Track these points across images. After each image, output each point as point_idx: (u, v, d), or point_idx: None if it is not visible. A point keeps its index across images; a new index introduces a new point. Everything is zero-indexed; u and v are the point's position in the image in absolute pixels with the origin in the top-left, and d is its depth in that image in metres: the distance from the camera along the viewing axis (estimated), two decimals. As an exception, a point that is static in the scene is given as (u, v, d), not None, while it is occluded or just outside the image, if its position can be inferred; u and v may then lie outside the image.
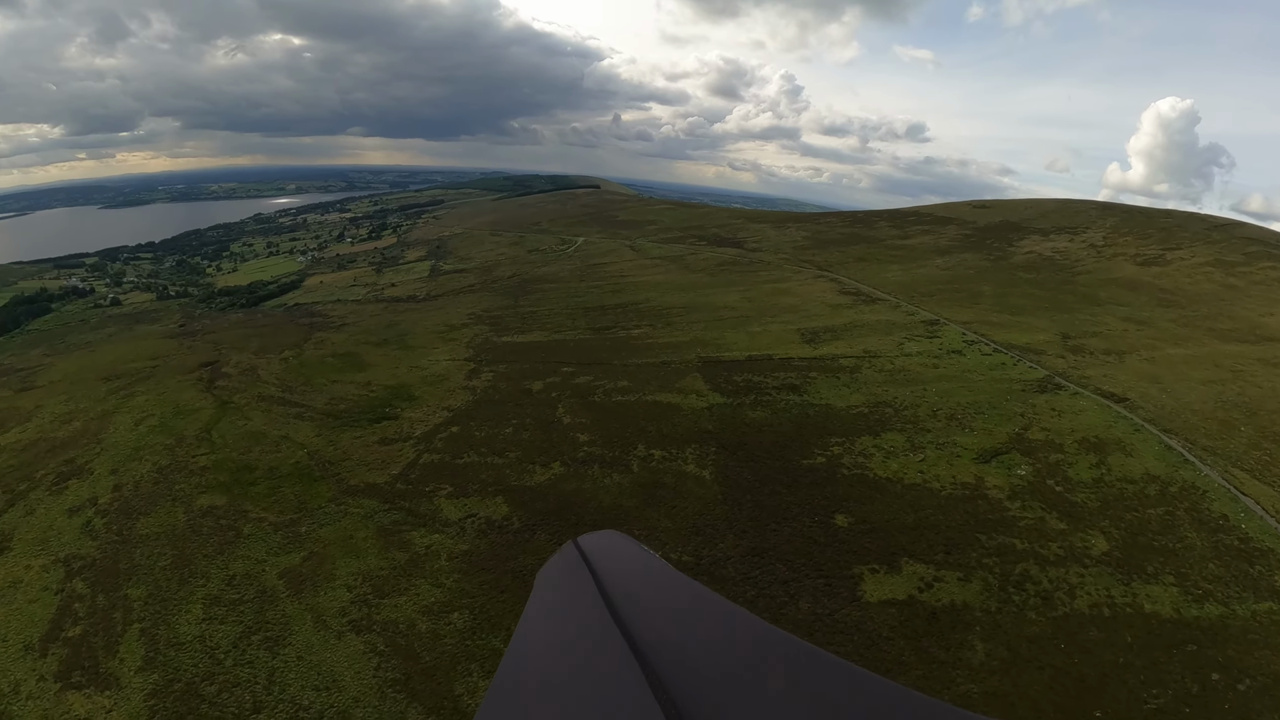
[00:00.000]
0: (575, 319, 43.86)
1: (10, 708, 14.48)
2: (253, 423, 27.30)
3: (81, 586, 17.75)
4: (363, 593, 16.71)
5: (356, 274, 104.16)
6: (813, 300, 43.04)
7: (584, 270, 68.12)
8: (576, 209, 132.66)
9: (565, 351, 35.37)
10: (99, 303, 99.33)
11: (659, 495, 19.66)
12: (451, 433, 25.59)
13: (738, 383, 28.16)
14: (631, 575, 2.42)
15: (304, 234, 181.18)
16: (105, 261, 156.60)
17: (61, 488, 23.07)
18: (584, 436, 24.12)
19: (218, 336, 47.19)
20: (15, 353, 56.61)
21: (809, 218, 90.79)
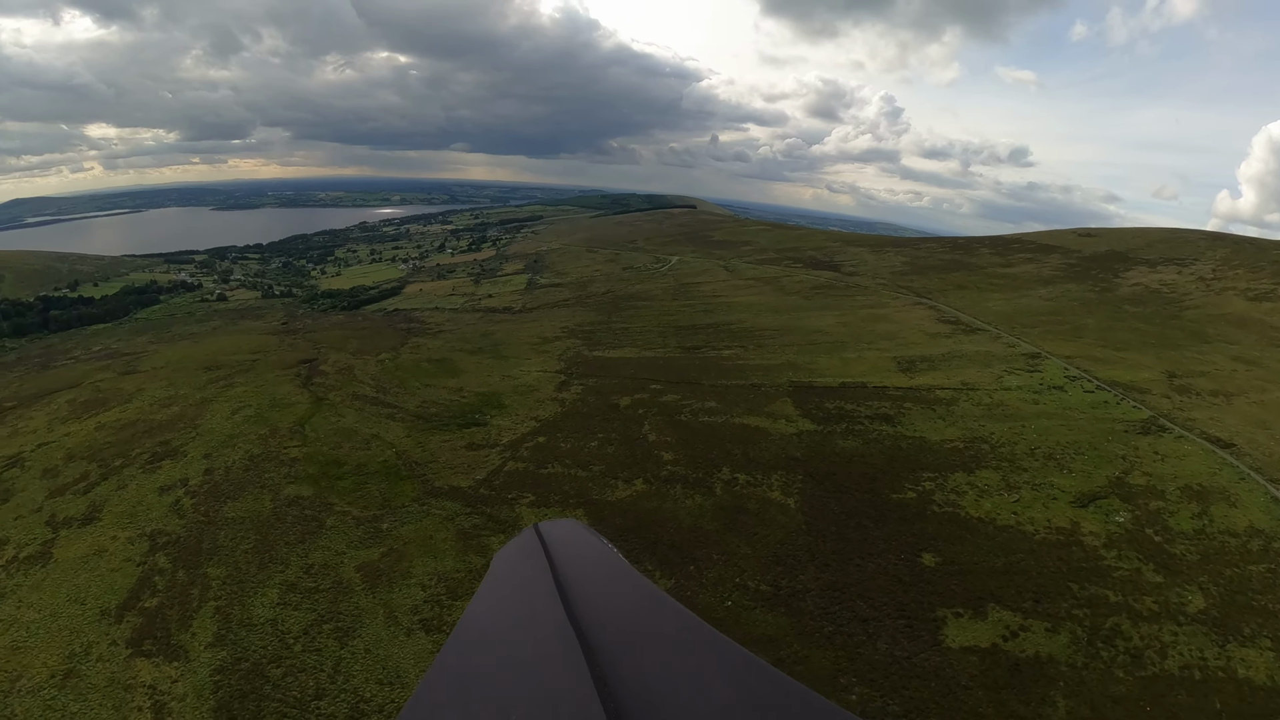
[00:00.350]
0: (666, 337, 43.72)
1: (80, 667, 14.89)
2: (345, 420, 27.87)
3: (164, 561, 18.23)
4: (436, 593, 16.64)
5: (455, 284, 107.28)
6: (910, 328, 41.84)
7: (677, 289, 68.14)
8: (672, 228, 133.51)
9: (655, 369, 35.19)
10: (206, 297, 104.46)
11: (741, 520, 19.11)
12: (538, 442, 25.61)
13: (829, 410, 27.41)
14: (587, 566, 2.40)
15: (406, 243, 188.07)
16: (214, 259, 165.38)
17: (155, 467, 23.93)
18: (668, 455, 23.78)
19: (318, 336, 48.76)
20: (122, 338, 59.77)
21: (908, 242, 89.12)
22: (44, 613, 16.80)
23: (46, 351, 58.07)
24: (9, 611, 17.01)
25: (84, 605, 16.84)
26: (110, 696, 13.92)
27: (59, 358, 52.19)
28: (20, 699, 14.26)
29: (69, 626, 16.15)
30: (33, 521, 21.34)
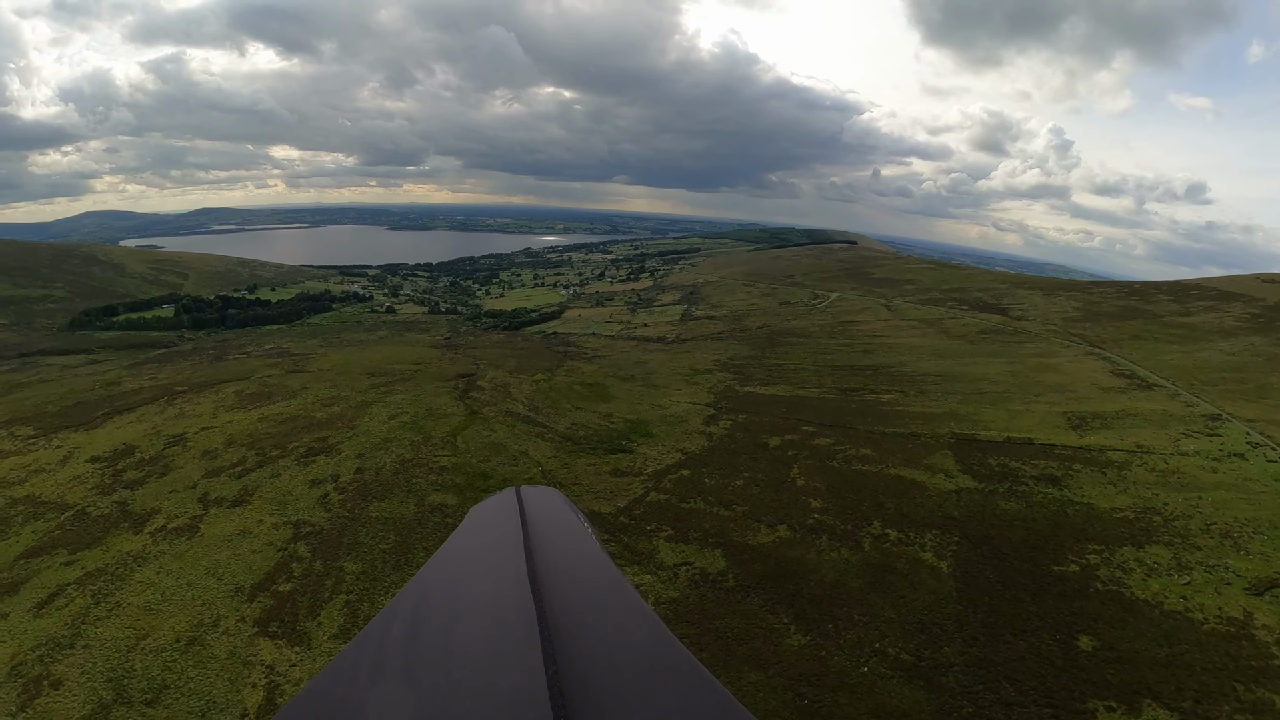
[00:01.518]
0: (822, 376, 43.12)
1: (205, 636, 16.14)
2: (496, 435, 29.04)
3: (303, 550, 19.56)
4: (564, 617, 16.88)
5: (612, 311, 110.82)
6: (1081, 380, 39.36)
7: (835, 327, 67.33)
8: (831, 263, 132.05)
9: (808, 409, 34.71)
10: (375, 309, 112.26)
11: (888, 581, 18.42)
12: (682, 475, 25.75)
13: (992, 467, 26.07)
14: (559, 539, 2.52)
15: (568, 270, 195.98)
16: (385, 274, 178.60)
17: (309, 461, 25.84)
18: (816, 502, 23.32)
19: (478, 353, 51.22)
20: (294, 340, 64.74)
21: (1080, 286, 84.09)
22: (181, 581, 18.45)
23: (221, 345, 63.91)
24: (149, 575, 18.83)
25: (220, 580, 18.36)
26: (228, 669, 15.07)
27: (232, 352, 57.21)
28: (143, 656, 15.65)
29: (202, 598, 17.63)
30: (186, 497, 23.52)
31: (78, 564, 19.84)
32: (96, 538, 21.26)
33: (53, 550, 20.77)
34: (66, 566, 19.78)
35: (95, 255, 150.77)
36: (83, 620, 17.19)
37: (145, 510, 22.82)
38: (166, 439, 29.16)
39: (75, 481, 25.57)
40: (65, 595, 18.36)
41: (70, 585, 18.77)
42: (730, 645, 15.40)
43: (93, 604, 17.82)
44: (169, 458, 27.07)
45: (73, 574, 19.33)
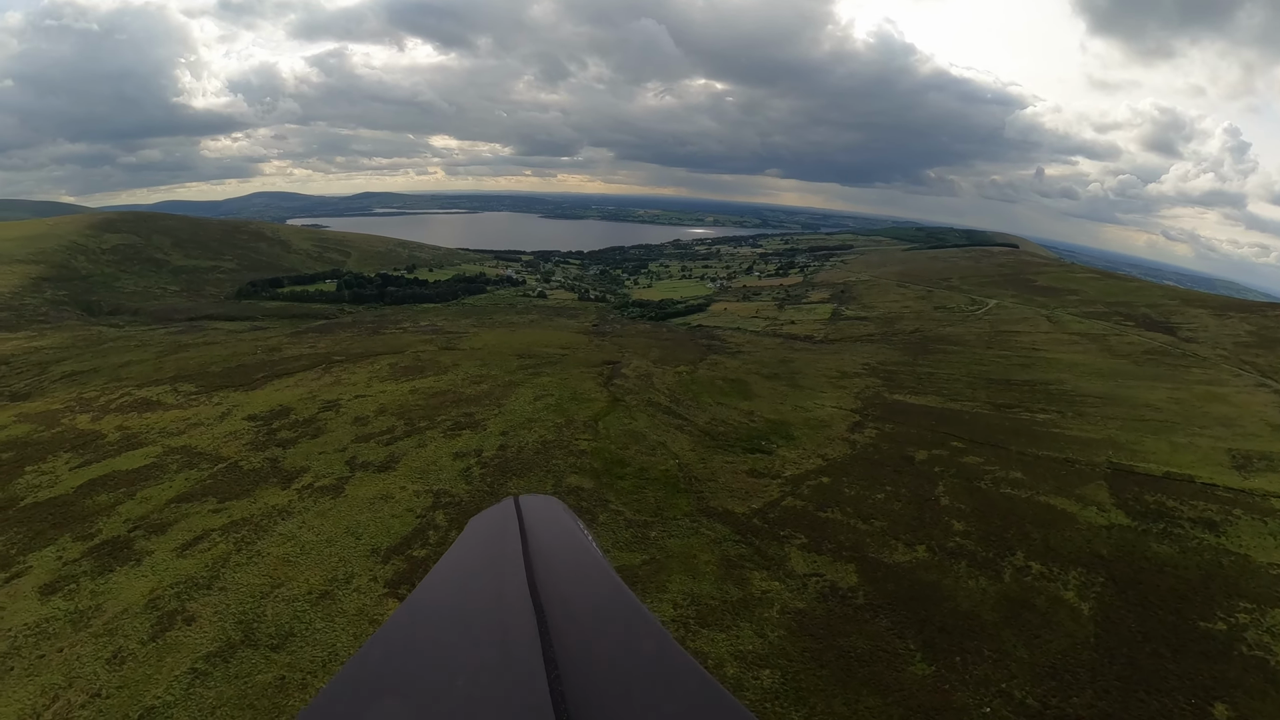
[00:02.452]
0: (975, 389, 40.77)
1: (337, 592, 16.62)
2: (637, 424, 28.87)
3: (441, 519, 19.91)
4: (686, 614, 16.41)
5: (759, 306, 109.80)
6: (1251, 415, 35.45)
7: (992, 336, 64.06)
8: (991, 268, 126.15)
9: (958, 423, 32.80)
10: (527, 293, 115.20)
11: (1024, 617, 16.97)
12: (821, 482, 24.73)
13: (1148, 503, 23.71)
14: (560, 552, 2.47)
15: (716, 263, 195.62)
16: (538, 260, 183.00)
17: (455, 434, 26.47)
18: (959, 524, 21.84)
19: (624, 341, 51.42)
20: (448, 318, 66.92)
21: (1255, 307, 76.38)
22: (321, 537, 19.16)
23: (379, 320, 66.57)
24: (291, 528, 19.70)
25: (358, 540, 18.91)
26: (354, 625, 15.48)
27: (388, 326, 59.58)
28: (275, 604, 16.31)
29: (339, 555, 18.22)
30: (335, 459, 24.52)
31: (225, 512, 20.98)
32: (245, 490, 22.43)
33: (203, 498, 22.07)
34: (214, 514, 20.96)
35: (263, 232, 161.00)
36: (223, 564, 18.12)
37: (294, 468, 23.94)
38: (321, 404, 30.64)
39: (231, 437, 27.14)
40: (209, 540, 19.42)
41: (215, 531, 19.85)
42: (851, 665, 14.66)
43: (234, 550, 18.76)
44: (322, 421, 28.37)
45: (219, 521, 20.46)
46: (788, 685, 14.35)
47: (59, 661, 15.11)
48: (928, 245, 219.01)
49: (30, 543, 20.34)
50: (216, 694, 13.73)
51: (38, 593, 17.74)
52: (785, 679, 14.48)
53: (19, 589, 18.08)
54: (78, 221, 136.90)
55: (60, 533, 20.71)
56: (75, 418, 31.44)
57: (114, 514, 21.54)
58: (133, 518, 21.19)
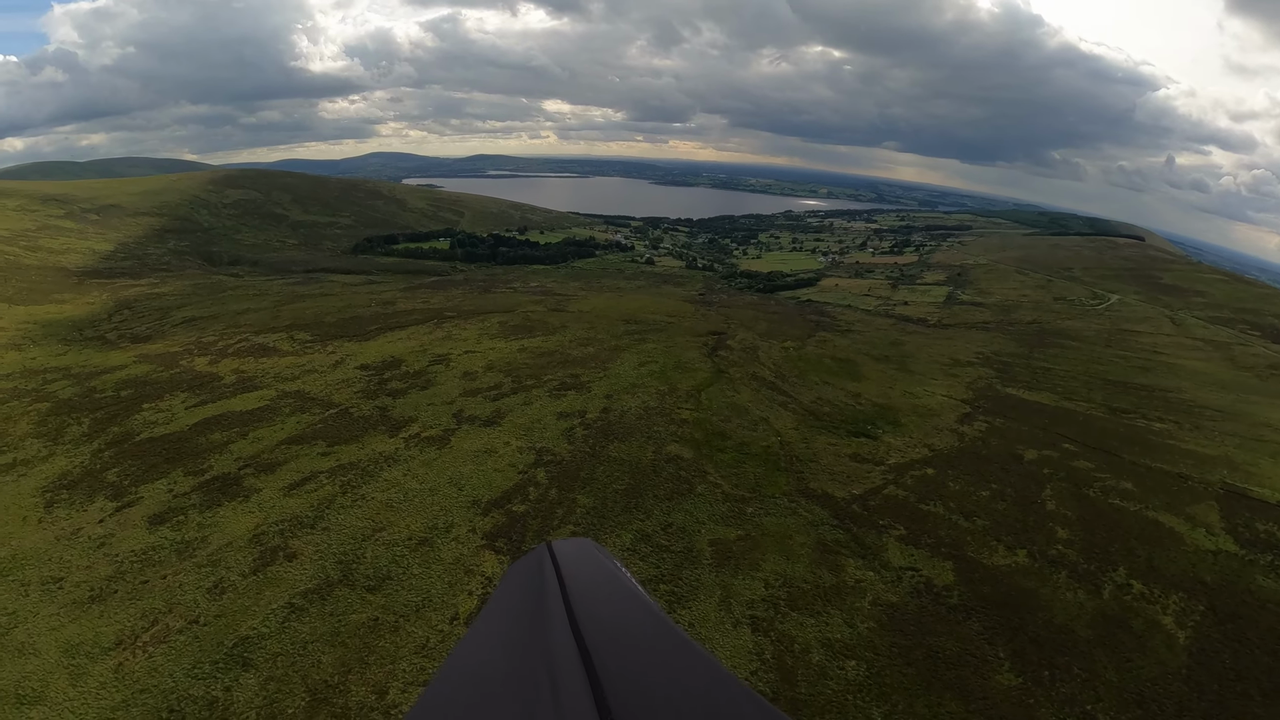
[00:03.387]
0: (1091, 389, 38.76)
1: (436, 539, 17.15)
2: (740, 397, 28.60)
3: (542, 476, 20.20)
4: (777, 595, 16.14)
5: (871, 285, 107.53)
6: None
7: (1112, 334, 60.89)
8: (1115, 260, 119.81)
9: (1071, 424, 31.21)
10: (635, 259, 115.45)
11: (1118, 638, 16.01)
12: (925, 474, 23.90)
13: (1258, 532, 21.94)
14: (599, 592, 2.53)
15: (828, 236, 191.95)
16: (647, 227, 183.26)
17: (560, 394, 26.91)
18: (1063, 532, 20.72)
19: (730, 312, 51.00)
20: (557, 281, 67.74)
21: None
22: (425, 486, 19.72)
23: (489, 279, 67.81)
24: (396, 476, 20.33)
25: (460, 491, 19.39)
26: (451, 573, 15.90)
27: (499, 286, 60.62)
28: (375, 546, 16.92)
29: (441, 504, 18.74)
30: (443, 411, 25.17)
31: (333, 456, 21.79)
32: (354, 435, 23.23)
33: (312, 441, 22.97)
34: (322, 456, 21.80)
35: (379, 190, 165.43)
36: (328, 506, 18.85)
37: (403, 417, 24.66)
38: (432, 357, 31.45)
39: (343, 384, 28.12)
40: (316, 481, 20.23)
41: (323, 473, 20.65)
42: (938, 667, 14.29)
43: (340, 493, 19.49)
44: (432, 374, 29.14)
45: (326, 464, 21.27)
46: (872, 679, 14.01)
47: (161, 588, 15.97)
48: (1049, 231, 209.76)
49: (143, 475, 21.48)
50: (310, 629, 14.28)
51: (146, 522, 18.80)
52: (870, 673, 14.14)
53: (129, 518, 19.15)
54: (200, 178, 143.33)
55: (172, 467, 21.82)
56: (193, 360, 33.03)
57: (226, 452, 22.56)
58: (244, 456, 22.18)
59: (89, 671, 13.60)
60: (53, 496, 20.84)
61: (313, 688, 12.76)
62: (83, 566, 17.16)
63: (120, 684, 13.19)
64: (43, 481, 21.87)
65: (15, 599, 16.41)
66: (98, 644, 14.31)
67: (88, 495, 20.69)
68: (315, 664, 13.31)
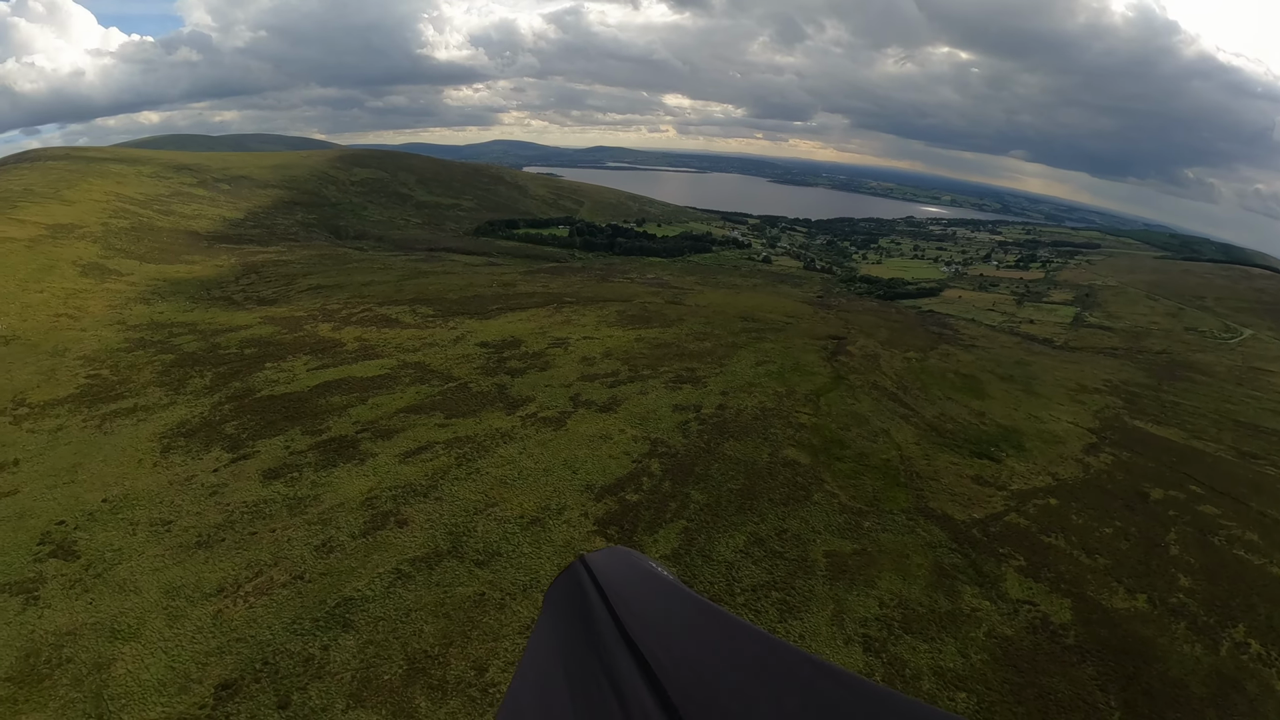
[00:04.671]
0: (1221, 429, 36.20)
1: (547, 520, 17.18)
2: (860, 405, 27.78)
3: (656, 467, 20.01)
4: (891, 615, 15.50)
5: (995, 299, 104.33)
6: None
7: (1244, 372, 57.12)
8: (1249, 292, 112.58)
9: (1199, 465, 29.12)
10: (752, 256, 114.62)
11: (1231, 700, 14.73)
12: (1048, 504, 22.65)
13: None
14: (641, 594, 2.58)
15: (950, 246, 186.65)
16: (765, 225, 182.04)
17: (676, 387, 26.68)
18: (1185, 580, 19.24)
19: (849, 317, 49.79)
20: (673, 274, 67.57)
21: None
22: (539, 465, 19.74)
23: (607, 268, 68.14)
24: (511, 453, 20.46)
25: (575, 474, 19.36)
26: (560, 555, 15.82)
27: (616, 275, 60.77)
28: (486, 521, 17.02)
29: (554, 486, 18.73)
30: (560, 393, 25.25)
31: (450, 428, 22.03)
32: (472, 410, 23.47)
33: (430, 411, 23.31)
34: (440, 428, 22.06)
35: (502, 176, 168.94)
36: (442, 476, 19.01)
37: (520, 396, 24.83)
38: (550, 340, 31.65)
39: (463, 359, 28.53)
40: (432, 451, 20.44)
41: (439, 444, 20.86)
42: (1049, 709, 13.63)
43: (455, 465, 19.65)
44: (550, 356, 29.30)
45: (443, 435, 21.50)
46: (981, 714, 13.38)
47: (269, 541, 16.37)
48: (1180, 256, 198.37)
49: (261, 430, 22.21)
50: (415, 597, 14.32)
51: (260, 476, 19.42)
52: (980, 706, 13.50)
53: (243, 470, 19.80)
54: (329, 155, 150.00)
55: (291, 425, 22.46)
56: (317, 325, 34.09)
57: (344, 415, 23.08)
58: (362, 421, 22.65)
59: (187, 615, 13.97)
60: (170, 443, 21.74)
61: (411, 656, 12.77)
62: (193, 512, 17.74)
63: (217, 630, 13.50)
64: (161, 428, 22.83)
65: (123, 536, 17.04)
66: (199, 589, 14.72)
67: (204, 445, 21.51)
68: (417, 633, 13.34)
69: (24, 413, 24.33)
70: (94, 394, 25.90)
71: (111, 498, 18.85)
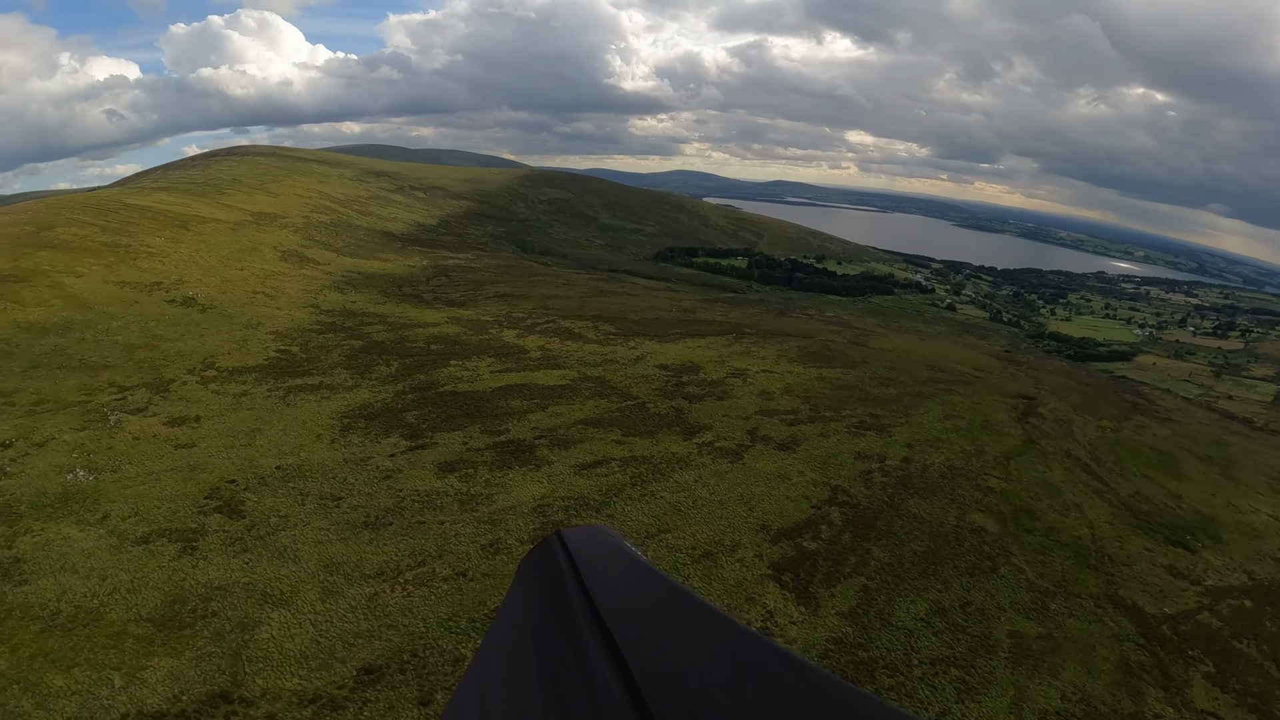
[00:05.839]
0: None
1: (720, 555, 16.58)
2: (1052, 474, 25.73)
3: (836, 516, 18.98)
4: (1073, 710, 14.28)
5: (1192, 369, 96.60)
6: None
7: None
8: None
9: None
10: (935, 302, 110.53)
11: None
12: (1243, 605, 20.14)
13: None
14: (615, 573, 2.57)
15: (1144, 307, 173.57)
16: (948, 270, 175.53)
17: (859, 433, 25.31)
18: None
19: (1039, 376, 46.93)
20: (853, 314, 66.05)
21: None
22: (714, 497, 19.01)
23: (785, 303, 67.29)
24: (686, 480, 19.88)
25: (750, 511, 18.51)
26: (730, 595, 15.16)
27: (794, 310, 59.86)
28: (657, 546, 16.56)
29: (729, 520, 17.94)
30: (737, 425, 24.42)
31: (627, 446, 21.66)
32: (649, 430, 23.04)
33: (608, 427, 23.04)
34: (617, 444, 21.73)
35: (683, 205, 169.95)
36: (616, 494, 18.65)
37: (697, 423, 24.15)
38: (729, 369, 30.85)
39: (642, 379, 28.25)
40: (608, 467, 20.13)
41: (615, 461, 20.53)
42: None
43: (629, 484, 19.22)
44: (728, 386, 28.52)
45: (619, 452, 21.15)
46: None
47: (436, 532, 16.37)
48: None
49: (441, 423, 22.55)
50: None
51: (436, 467, 19.60)
52: None
53: (419, 459, 20.06)
54: (517, 174, 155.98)
55: (471, 422, 22.70)
56: (502, 331, 34.73)
57: (524, 419, 23.14)
58: (541, 427, 22.63)
59: (342, 592, 14.01)
60: (350, 423, 22.38)
61: (568, 676, 12.29)
62: (364, 492, 18.01)
63: (370, 613, 13.45)
64: (343, 407, 23.57)
65: (291, 504, 17.44)
66: (359, 569, 14.80)
67: (384, 430, 22.01)
68: (576, 652, 12.88)
69: (212, 375, 25.91)
70: (281, 367, 27.24)
71: (285, 466, 19.48)
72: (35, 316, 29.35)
